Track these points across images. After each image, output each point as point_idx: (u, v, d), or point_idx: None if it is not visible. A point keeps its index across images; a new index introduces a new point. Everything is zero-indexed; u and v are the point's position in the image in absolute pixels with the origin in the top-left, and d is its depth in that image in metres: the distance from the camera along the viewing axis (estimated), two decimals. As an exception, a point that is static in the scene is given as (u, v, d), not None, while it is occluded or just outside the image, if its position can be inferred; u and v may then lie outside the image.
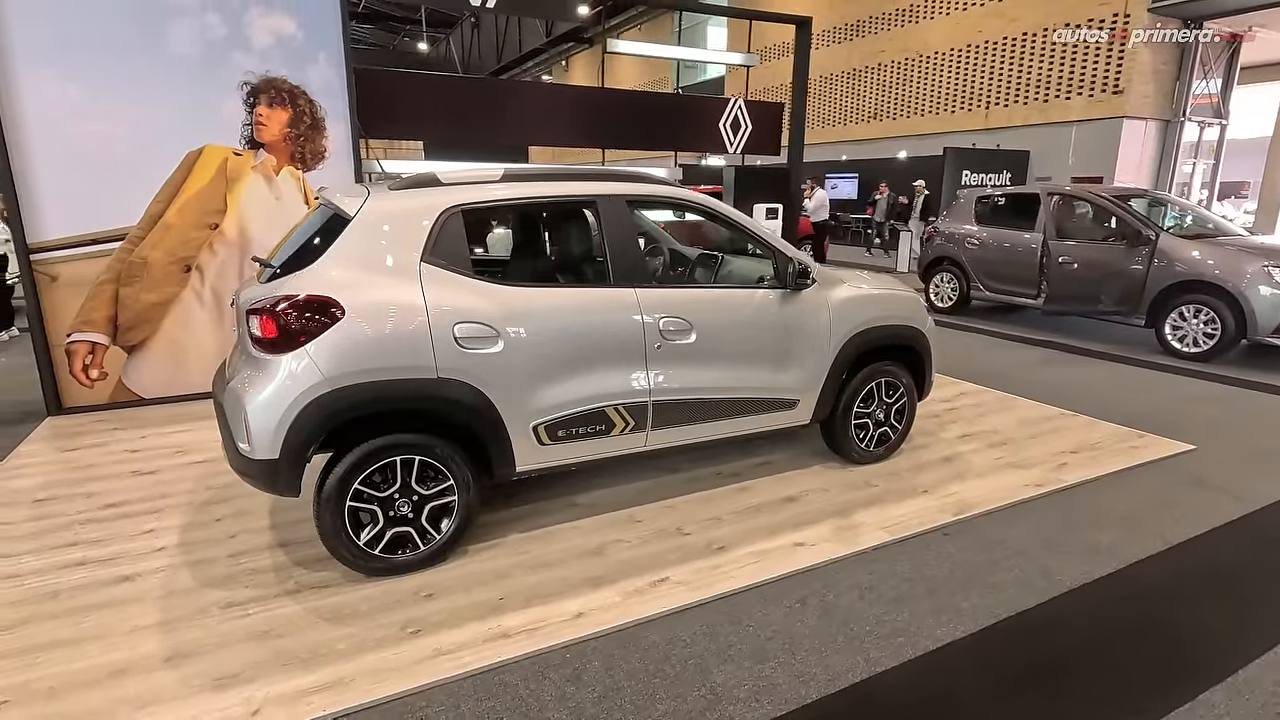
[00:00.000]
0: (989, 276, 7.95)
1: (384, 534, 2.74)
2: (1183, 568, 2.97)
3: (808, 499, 3.52)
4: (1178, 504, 3.51)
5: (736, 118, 6.57)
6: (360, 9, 30.51)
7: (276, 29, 4.88)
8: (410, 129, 5.63)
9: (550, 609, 2.60)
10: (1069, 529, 3.25)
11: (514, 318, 2.83)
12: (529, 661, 2.34)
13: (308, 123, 5.08)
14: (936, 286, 8.68)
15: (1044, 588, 2.79)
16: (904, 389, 3.92)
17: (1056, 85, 15.18)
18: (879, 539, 3.13)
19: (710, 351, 3.28)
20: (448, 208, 2.81)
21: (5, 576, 2.79)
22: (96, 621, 2.51)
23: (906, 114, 18.61)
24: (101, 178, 4.57)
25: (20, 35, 4.26)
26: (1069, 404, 5.04)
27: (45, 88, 4.35)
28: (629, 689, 2.22)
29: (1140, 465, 3.99)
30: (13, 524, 3.23)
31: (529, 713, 2.11)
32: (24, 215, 4.44)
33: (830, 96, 20.96)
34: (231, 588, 2.73)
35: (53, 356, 4.67)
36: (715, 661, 2.35)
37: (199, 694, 2.15)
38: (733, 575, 2.83)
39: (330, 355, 2.53)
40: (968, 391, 5.36)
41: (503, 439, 2.88)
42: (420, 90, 5.40)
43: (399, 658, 2.33)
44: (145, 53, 4.56)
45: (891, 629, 2.53)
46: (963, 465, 3.95)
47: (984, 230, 8.04)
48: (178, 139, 4.73)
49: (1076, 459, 4.04)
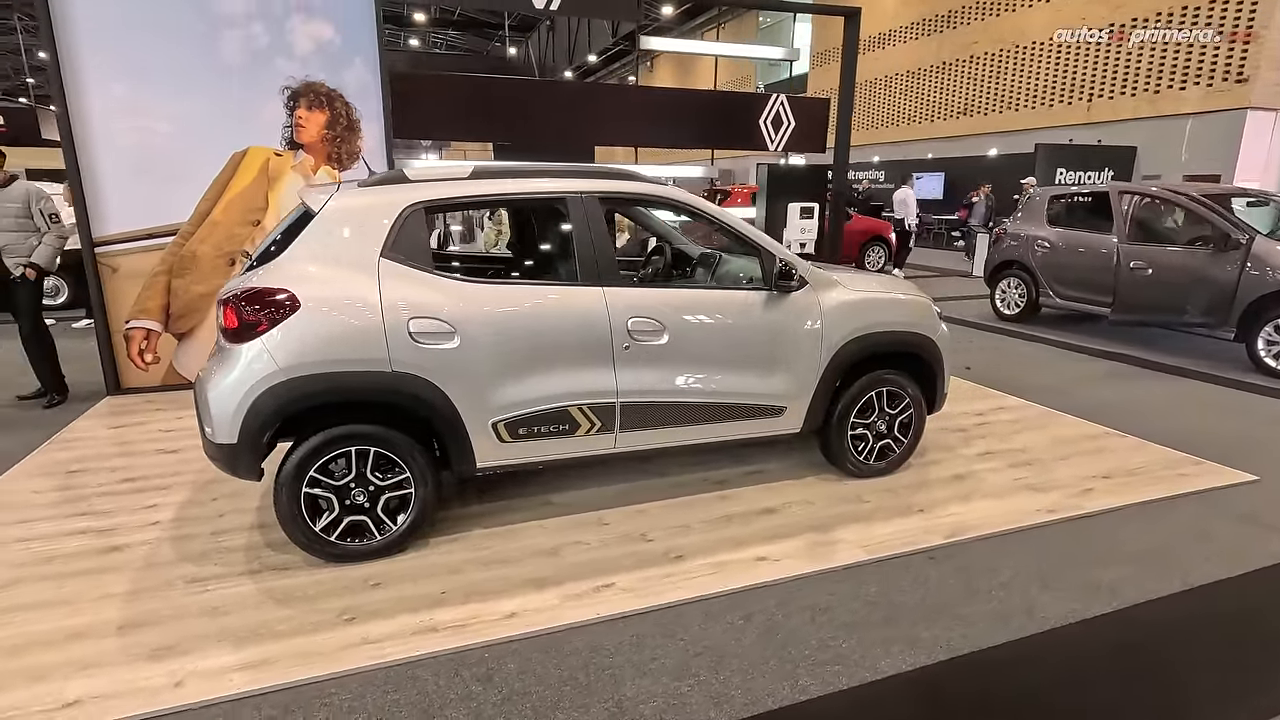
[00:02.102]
0: (1059, 282, 7.35)
1: (340, 521, 2.82)
2: (1195, 614, 2.63)
3: (789, 511, 3.36)
4: (1214, 540, 3.12)
5: (778, 114, 6.36)
6: (456, 16, 31.80)
7: (316, 35, 5.13)
8: (443, 129, 5.79)
9: (485, 607, 2.60)
10: (1072, 561, 2.95)
11: (472, 314, 2.84)
12: (447, 658, 2.34)
13: (344, 124, 5.31)
14: (1003, 292, 8.11)
15: (1020, 624, 2.53)
16: (909, 400, 3.67)
17: (1169, 74, 13.88)
18: (853, 558, 2.94)
19: (684, 354, 3.18)
20: (409, 205, 2.86)
21: (15, 540, 3.06)
22: (75, 587, 2.71)
23: (999, 108, 17.53)
24: (156, 177, 4.95)
25: (89, 48, 4.67)
26: (1121, 423, 4.58)
27: (109, 95, 4.75)
28: (535, 694, 2.18)
29: (1183, 495, 3.56)
30: (41, 492, 3.55)
31: (428, 709, 2.11)
32: (90, 211, 4.87)
33: (917, 92, 20.03)
34: (202, 564, 2.88)
35: (113, 341, 5.11)
36: (632, 674, 2.27)
37: (134, 662, 2.28)
38: (680, 586, 2.73)
39: (284, 346, 2.62)
40: (1008, 406, 4.97)
41: (460, 435, 2.90)
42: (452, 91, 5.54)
43: (326, 643, 2.38)
44: (197, 62, 4.90)
45: (833, 655, 2.36)
46: (973, 484, 3.66)
47: (1055, 232, 7.44)
48: (224, 141, 5.06)
49: (1107, 484, 3.66)
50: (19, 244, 4.65)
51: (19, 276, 4.65)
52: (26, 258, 4.67)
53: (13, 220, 4.63)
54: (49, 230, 4.76)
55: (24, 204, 4.67)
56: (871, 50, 21.35)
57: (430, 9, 30.24)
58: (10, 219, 4.62)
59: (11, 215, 4.62)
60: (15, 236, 4.64)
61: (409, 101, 5.50)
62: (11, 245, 4.63)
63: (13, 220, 4.63)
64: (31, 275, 4.68)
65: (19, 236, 4.65)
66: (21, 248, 4.66)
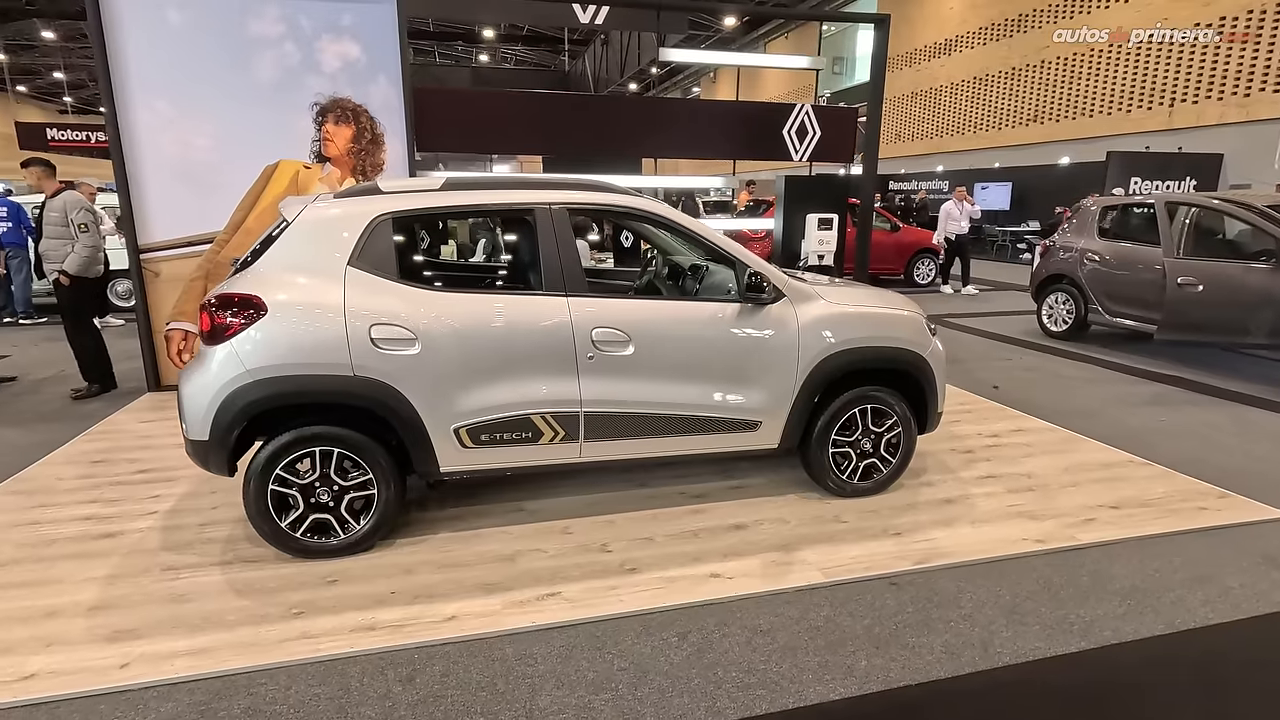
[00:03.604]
0: (1109, 298, 6.91)
1: (305, 518, 2.93)
2: (1174, 661, 2.42)
3: (759, 528, 3.28)
4: (1219, 583, 2.86)
5: (803, 123, 6.25)
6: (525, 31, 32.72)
7: (343, 53, 5.38)
8: (462, 142, 5.96)
9: (428, 609, 2.64)
10: (1049, 596, 2.76)
11: (434, 321, 2.91)
12: (377, 656, 2.39)
13: (368, 138, 5.54)
14: (1050, 307, 7.68)
15: (971, 659, 2.39)
16: (897, 418, 3.53)
17: (1262, 76, 12.88)
18: (810, 580, 2.85)
19: (651, 365, 3.16)
20: (377, 215, 2.96)
21: (28, 522, 3.32)
22: (64, 569, 2.91)
23: (1071, 115, 16.67)
24: (195, 188, 5.28)
25: (136, 66, 5.04)
26: (1150, 450, 4.26)
27: (154, 111, 5.12)
28: (450, 699, 2.20)
29: (1198, 530, 3.29)
30: (64, 480, 3.83)
31: (345, 705, 2.17)
32: (135, 220, 5.25)
33: (983, 99, 19.28)
34: (182, 553, 3.05)
35: (155, 341, 5.47)
36: (551, 685, 2.27)
37: (93, 642, 2.43)
38: (625, 599, 2.71)
39: (251, 348, 2.76)
40: (1028, 428, 4.70)
41: (422, 439, 2.97)
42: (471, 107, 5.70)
43: (269, 635, 2.48)
44: (233, 79, 5.22)
45: (760, 679, 2.29)
46: (962, 509, 3.48)
47: (1105, 245, 7.00)
48: (258, 154, 5.36)
49: (1112, 515, 3.41)
50: (56, 251, 5.10)
51: (55, 281, 5.06)
52: (59, 264, 5.09)
53: (55, 228, 5.07)
54: (77, 239, 5.15)
55: (62, 213, 5.09)
56: (937, 57, 20.73)
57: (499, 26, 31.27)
58: (53, 227, 5.06)
59: (55, 224, 5.06)
60: (54, 244, 5.09)
61: (430, 116, 5.69)
62: (50, 252, 5.07)
63: (55, 228, 5.07)
64: (65, 281, 5.08)
65: (57, 244, 5.10)
66: (58, 254, 5.10)
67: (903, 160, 23.00)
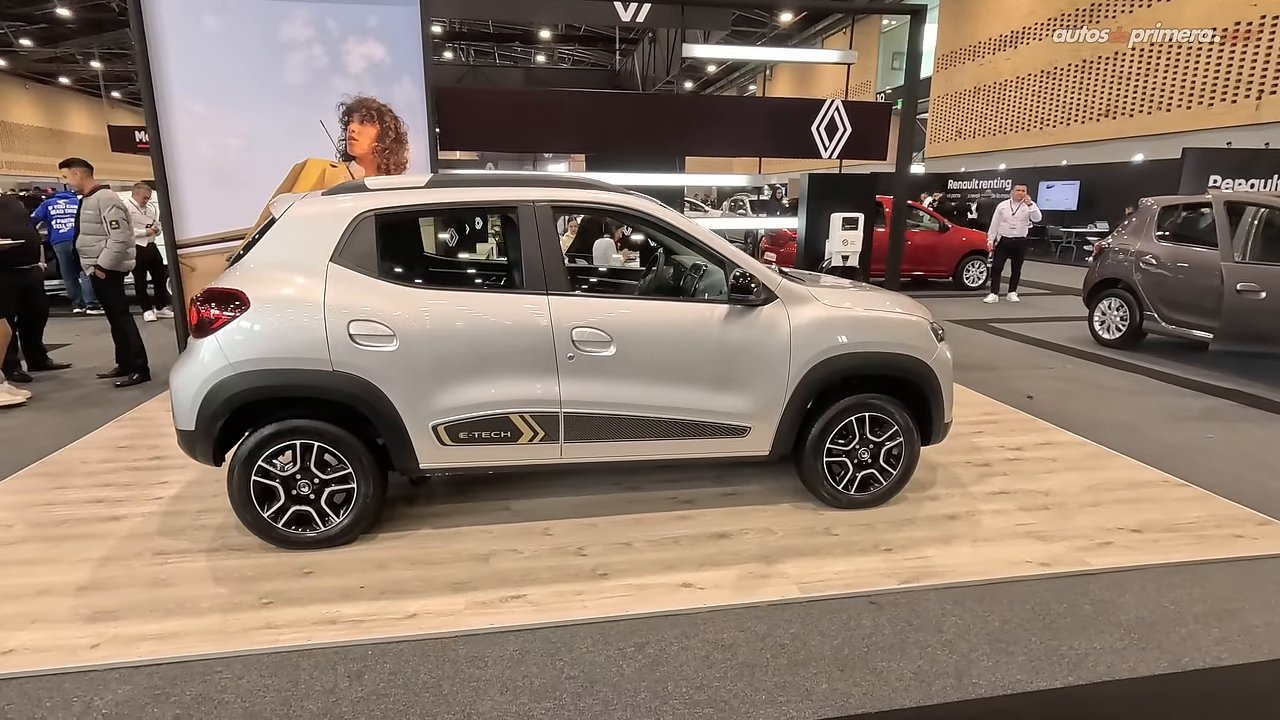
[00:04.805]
0: (1165, 304, 6.44)
1: (286, 510, 2.99)
2: (1167, 702, 2.21)
3: (743, 538, 3.17)
4: (1242, 619, 2.60)
5: (833, 120, 6.04)
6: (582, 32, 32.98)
7: (368, 55, 5.49)
8: (484, 141, 6.00)
9: (392, 605, 2.65)
10: (1043, 625, 2.57)
11: (412, 318, 2.92)
12: (333, 651, 2.41)
13: (392, 137, 5.65)
14: (1103, 314, 7.23)
15: (942, 688, 2.24)
16: (898, 428, 3.36)
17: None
18: (785, 594, 2.73)
19: (633, 366, 3.09)
20: (361, 213, 2.98)
21: (45, 503, 3.50)
22: (65, 549, 3.05)
23: (1146, 109, 15.70)
24: (228, 187, 5.49)
25: (175, 70, 5.27)
26: (1190, 470, 3.94)
27: (191, 113, 5.34)
28: (394, 698, 2.19)
29: (1229, 560, 3.01)
30: (87, 463, 4.03)
31: (290, 698, 2.19)
32: (173, 217, 5.49)
33: (1050, 94, 18.37)
34: (175, 538, 3.16)
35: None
36: (495, 689, 2.23)
37: (73, 622, 2.53)
38: (589, 605, 2.65)
39: (234, 342, 2.82)
40: (1057, 441, 4.42)
41: (401, 435, 2.98)
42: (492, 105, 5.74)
43: (234, 624, 2.53)
44: (265, 82, 5.39)
45: (710, 697, 2.20)
46: (965, 526, 3.29)
47: (1163, 248, 6.53)
48: (287, 153, 5.53)
49: (1132, 539, 3.16)
50: (91, 246, 5.44)
51: (91, 275, 5.38)
52: (95, 259, 5.41)
53: (90, 225, 5.40)
54: (109, 235, 5.44)
55: (96, 210, 5.39)
56: (1002, 50, 19.86)
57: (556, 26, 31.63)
58: (89, 224, 5.38)
59: (90, 221, 5.38)
60: (89, 240, 5.42)
61: (452, 115, 5.75)
62: (86, 247, 5.41)
63: (90, 225, 5.40)
64: (100, 275, 5.37)
65: (91, 240, 5.44)
66: (93, 250, 5.43)
67: (963, 158, 22.16)
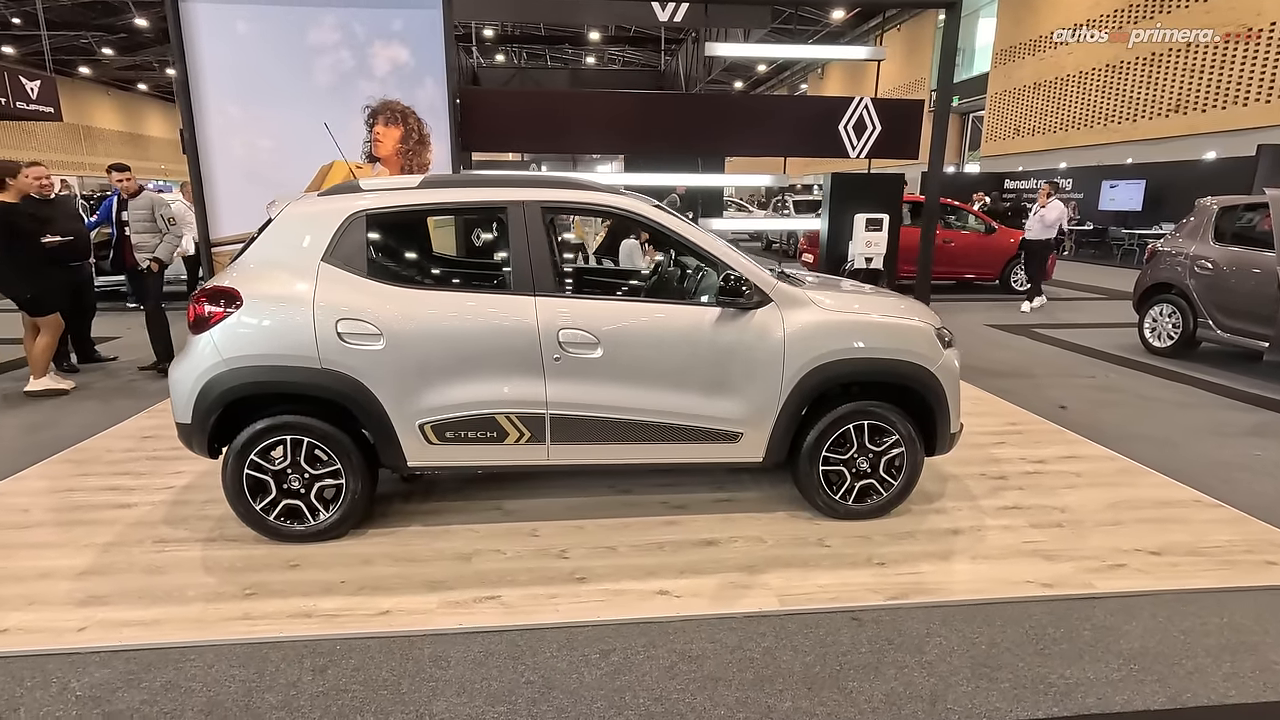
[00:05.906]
0: (1221, 310, 6.03)
1: (277, 503, 3.05)
2: (1161, 742, 2.04)
3: (730, 546, 3.09)
4: (1261, 654, 2.40)
5: (861, 118, 5.86)
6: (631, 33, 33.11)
7: (393, 58, 5.60)
8: (507, 142, 6.04)
9: (367, 601, 2.67)
10: (1035, 650, 2.41)
11: (399, 318, 2.94)
12: (303, 644, 2.44)
13: (415, 138, 5.74)
14: (1154, 320, 6.82)
15: (912, 713, 2.13)
16: (900, 437, 3.23)
17: None
18: (763, 606, 2.65)
19: (620, 369, 3.05)
20: (353, 213, 3.02)
21: (66, 489, 3.67)
22: (74, 534, 3.18)
23: (1220, 104, 14.79)
24: (258, 186, 5.66)
25: (210, 74, 5.47)
26: (1228, 490, 3.67)
27: (225, 115, 5.53)
28: (352, 694, 2.21)
29: (1256, 589, 2.78)
30: (112, 451, 4.21)
31: (252, 690, 2.22)
32: (208, 216, 5.70)
33: (1117, 89, 17.49)
34: (177, 527, 3.26)
35: (223, 328, 5.94)
36: (453, 691, 2.22)
37: (66, 605, 2.63)
38: (561, 609, 2.62)
39: (227, 338, 2.90)
40: (1083, 455, 4.17)
41: (388, 432, 3.01)
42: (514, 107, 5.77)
43: (214, 613, 2.59)
44: (294, 85, 5.55)
45: (667, 710, 2.14)
46: (968, 542, 3.13)
47: (1220, 250, 6.12)
48: (314, 155, 5.67)
49: (1149, 562, 2.95)
50: (146, 243, 5.69)
51: (145, 268, 5.64)
52: (151, 254, 5.65)
53: (141, 224, 5.67)
54: (167, 232, 5.71)
55: (149, 210, 5.67)
56: (1065, 43, 19.00)
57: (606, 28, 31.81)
58: (140, 223, 5.65)
59: (141, 220, 5.65)
60: (144, 237, 5.70)
61: (476, 117, 5.81)
62: (140, 244, 5.66)
63: (141, 224, 5.67)
64: (155, 268, 5.65)
65: (146, 237, 5.72)
66: (148, 245, 5.69)
67: (1020, 157, 21.31)
